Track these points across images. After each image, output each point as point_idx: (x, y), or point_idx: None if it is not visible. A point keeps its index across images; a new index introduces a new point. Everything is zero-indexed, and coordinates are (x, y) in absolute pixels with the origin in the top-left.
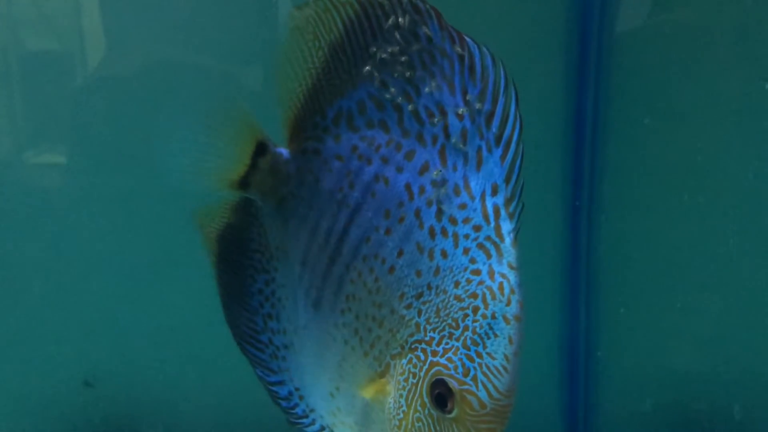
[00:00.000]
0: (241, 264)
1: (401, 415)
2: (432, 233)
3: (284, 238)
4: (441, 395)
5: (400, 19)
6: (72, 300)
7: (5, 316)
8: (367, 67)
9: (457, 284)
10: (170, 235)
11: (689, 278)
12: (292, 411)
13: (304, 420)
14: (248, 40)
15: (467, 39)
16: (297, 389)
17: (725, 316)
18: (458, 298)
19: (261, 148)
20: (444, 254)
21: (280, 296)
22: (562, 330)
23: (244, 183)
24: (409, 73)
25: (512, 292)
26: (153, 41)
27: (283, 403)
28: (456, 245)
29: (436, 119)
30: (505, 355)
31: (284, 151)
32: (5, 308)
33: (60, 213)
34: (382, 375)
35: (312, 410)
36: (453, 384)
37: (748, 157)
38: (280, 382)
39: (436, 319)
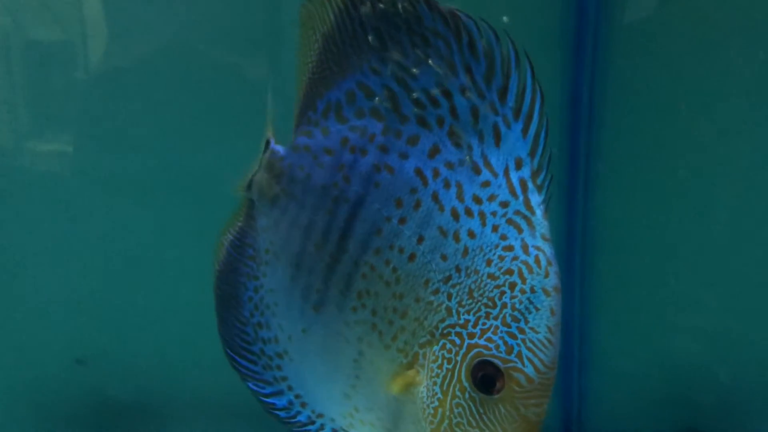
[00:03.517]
0: (238, 271)
1: (436, 403)
2: (455, 215)
3: (275, 240)
4: (487, 376)
5: (386, 4)
6: (68, 279)
7: (3, 297)
8: (356, 57)
9: (489, 262)
10: (168, 220)
11: (686, 261)
12: (293, 420)
13: (311, 427)
14: (252, 30)
15: (461, 16)
16: (298, 397)
17: (723, 299)
18: (492, 277)
19: (266, 145)
20: (471, 234)
21: (269, 303)
22: None
23: (250, 183)
24: (401, 58)
25: (549, 263)
26: (155, 30)
27: (282, 414)
28: (483, 223)
29: (439, 101)
30: (548, 327)
31: (280, 148)
32: (4, 289)
33: (62, 199)
34: (409, 366)
35: (320, 415)
36: (498, 364)
37: (749, 142)
38: (277, 393)
39: (470, 301)
